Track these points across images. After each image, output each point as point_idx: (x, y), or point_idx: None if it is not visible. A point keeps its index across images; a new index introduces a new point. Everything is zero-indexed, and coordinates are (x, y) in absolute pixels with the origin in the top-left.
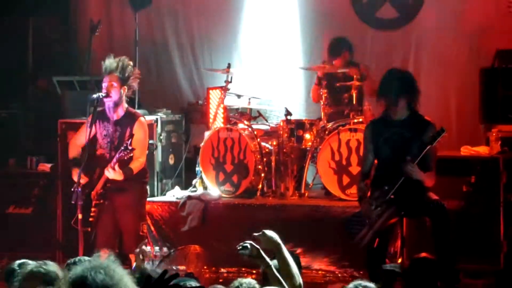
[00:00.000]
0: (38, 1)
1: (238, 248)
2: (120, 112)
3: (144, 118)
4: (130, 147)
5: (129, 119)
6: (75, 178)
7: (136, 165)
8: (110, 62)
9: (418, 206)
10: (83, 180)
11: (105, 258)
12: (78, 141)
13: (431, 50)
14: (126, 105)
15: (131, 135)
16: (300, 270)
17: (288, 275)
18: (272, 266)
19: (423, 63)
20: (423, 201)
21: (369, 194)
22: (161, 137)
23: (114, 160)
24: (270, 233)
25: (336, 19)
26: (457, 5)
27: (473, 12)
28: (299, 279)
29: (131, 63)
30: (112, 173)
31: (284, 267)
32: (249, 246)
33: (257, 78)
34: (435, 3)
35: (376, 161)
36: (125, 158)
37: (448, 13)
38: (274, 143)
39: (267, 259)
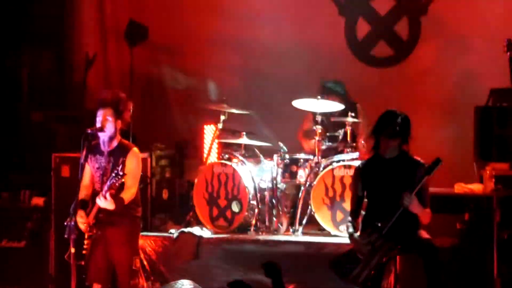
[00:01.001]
0: (33, 34)
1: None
2: (114, 144)
3: (137, 149)
4: (121, 173)
5: (122, 150)
6: (79, 220)
7: (127, 196)
8: (104, 95)
9: (410, 244)
10: (82, 220)
11: None
12: (83, 182)
13: (426, 87)
14: (119, 137)
15: (123, 162)
16: None
17: None
18: None
19: (418, 100)
20: (415, 239)
21: (359, 231)
22: (155, 171)
23: (106, 188)
24: None
25: (331, 57)
26: (452, 43)
27: (468, 51)
28: None
29: (125, 96)
30: (103, 201)
31: None
32: None
33: (252, 114)
34: (430, 41)
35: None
36: (117, 184)
37: (442, 51)
38: (268, 178)
39: None
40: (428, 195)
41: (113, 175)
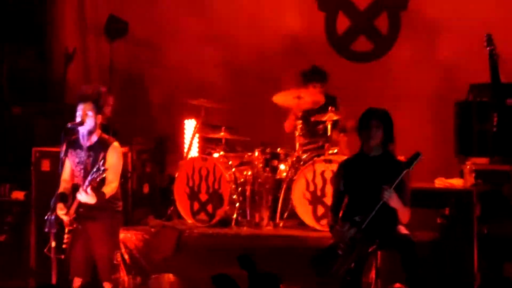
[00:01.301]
0: (13, 29)
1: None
2: (94, 138)
3: (118, 143)
4: (102, 168)
5: (103, 144)
6: (59, 212)
7: (108, 190)
8: (85, 90)
9: (388, 239)
10: (63, 212)
11: None
12: (63, 177)
13: (406, 83)
14: (100, 132)
15: (104, 157)
16: None
17: None
18: None
19: (398, 95)
20: (393, 234)
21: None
22: (135, 166)
23: (87, 182)
24: None
25: (311, 52)
26: (432, 39)
27: (448, 46)
28: None
29: (105, 90)
30: (85, 196)
31: None
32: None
33: (232, 108)
34: (410, 37)
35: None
36: (98, 179)
37: (422, 46)
38: (249, 173)
39: None
40: (409, 194)
41: (94, 170)
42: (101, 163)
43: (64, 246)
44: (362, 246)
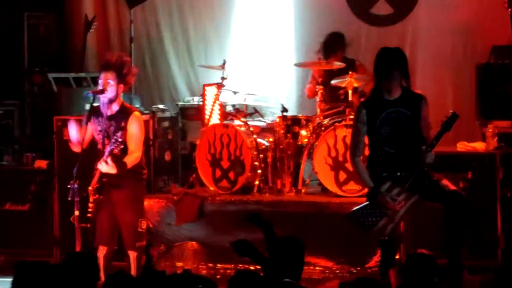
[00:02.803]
0: None
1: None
2: (115, 107)
3: (139, 112)
4: (120, 139)
5: (124, 113)
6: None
7: (130, 159)
8: (109, 58)
9: (435, 193)
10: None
11: None
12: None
13: (426, 46)
14: (121, 101)
15: (122, 128)
16: (303, 260)
17: None
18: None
19: (419, 59)
20: (441, 189)
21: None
22: (157, 133)
23: (106, 153)
24: None
25: (330, 15)
26: (452, 1)
27: (469, 8)
28: None
29: (129, 59)
30: (105, 166)
31: None
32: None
33: (253, 74)
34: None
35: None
36: (116, 150)
37: (443, 9)
38: (271, 139)
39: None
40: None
41: (113, 140)
42: (119, 134)
43: (88, 215)
44: (411, 205)
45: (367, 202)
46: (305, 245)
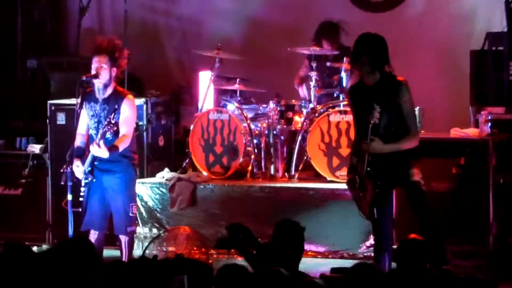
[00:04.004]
0: None
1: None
2: (109, 91)
3: (133, 96)
4: (113, 121)
5: (117, 96)
6: (76, 169)
7: (121, 143)
8: (99, 42)
9: (400, 181)
10: (79, 168)
11: None
12: (79, 130)
13: (421, 32)
14: (114, 84)
15: (117, 110)
16: (303, 243)
17: None
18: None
19: (413, 45)
20: (404, 178)
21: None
22: (150, 118)
23: (99, 136)
24: None
25: (326, 2)
26: None
27: None
28: None
29: (120, 43)
30: (97, 149)
31: None
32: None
33: (247, 60)
34: None
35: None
36: (109, 132)
37: None
38: (264, 125)
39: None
40: (413, 118)
41: (105, 123)
42: (112, 116)
43: (80, 199)
44: (371, 187)
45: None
46: (305, 228)
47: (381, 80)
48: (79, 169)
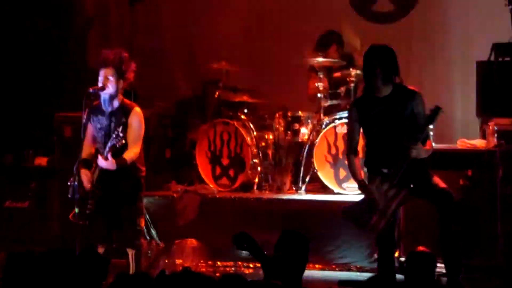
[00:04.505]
0: None
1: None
2: (116, 104)
3: (140, 109)
4: (121, 134)
5: (125, 109)
6: (85, 179)
7: (130, 155)
8: (106, 55)
9: (425, 190)
10: (87, 178)
11: None
12: (86, 142)
13: (427, 43)
14: (121, 97)
15: (123, 124)
16: (307, 255)
17: None
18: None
19: (419, 56)
20: (431, 186)
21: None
22: (157, 130)
23: (107, 148)
24: None
25: (333, 13)
26: None
27: (469, 5)
28: None
29: (127, 55)
30: (105, 162)
31: None
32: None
33: (253, 71)
34: None
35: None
36: (117, 145)
37: (443, 6)
38: (271, 137)
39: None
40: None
41: (114, 136)
42: (120, 129)
43: (87, 212)
44: (399, 201)
45: (361, 199)
46: (310, 240)
47: (394, 91)
48: (87, 178)
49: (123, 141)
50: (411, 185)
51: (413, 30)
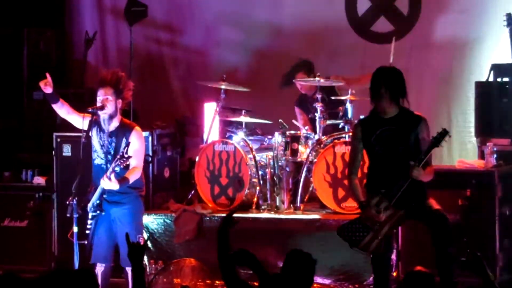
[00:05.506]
0: (32, 13)
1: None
2: (115, 123)
3: (139, 128)
4: (126, 155)
5: (125, 129)
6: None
7: (131, 175)
8: (104, 74)
9: (418, 211)
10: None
11: None
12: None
13: (426, 63)
14: (121, 116)
15: (127, 144)
16: (312, 275)
17: None
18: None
19: (419, 76)
20: (425, 209)
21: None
22: (156, 149)
23: (110, 169)
24: None
25: (332, 34)
26: (452, 18)
27: (468, 26)
28: None
29: (125, 75)
30: (108, 182)
31: None
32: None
33: (252, 91)
34: (431, 17)
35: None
36: (122, 166)
37: (443, 27)
38: (269, 156)
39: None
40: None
41: (118, 157)
42: (125, 150)
43: (87, 231)
44: (394, 222)
45: (356, 217)
46: (316, 260)
47: (400, 114)
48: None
49: (128, 163)
50: (407, 207)
51: (412, 50)
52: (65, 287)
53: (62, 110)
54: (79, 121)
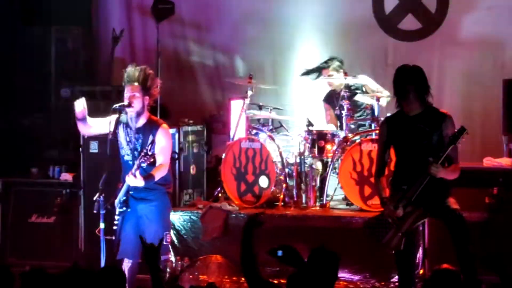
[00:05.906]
0: (60, 11)
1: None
2: (142, 120)
3: (167, 125)
4: (150, 153)
5: (152, 126)
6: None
7: (158, 172)
8: (131, 71)
9: (437, 210)
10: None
11: None
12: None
13: (454, 61)
14: (148, 114)
15: (153, 141)
16: (336, 272)
17: None
18: None
19: (447, 74)
20: (443, 207)
21: (387, 193)
22: (182, 147)
23: (135, 166)
24: None
25: (359, 31)
26: (481, 15)
27: (496, 23)
28: None
29: (152, 72)
30: (133, 179)
31: None
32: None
33: (279, 88)
34: (459, 14)
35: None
36: (146, 163)
37: (471, 24)
38: (296, 153)
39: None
40: (457, 152)
41: (142, 154)
42: (149, 147)
43: (114, 227)
44: (413, 219)
45: (379, 214)
46: (340, 258)
47: (425, 111)
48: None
49: (152, 159)
50: (426, 205)
51: (440, 48)
52: (93, 284)
53: (86, 126)
54: (102, 126)
